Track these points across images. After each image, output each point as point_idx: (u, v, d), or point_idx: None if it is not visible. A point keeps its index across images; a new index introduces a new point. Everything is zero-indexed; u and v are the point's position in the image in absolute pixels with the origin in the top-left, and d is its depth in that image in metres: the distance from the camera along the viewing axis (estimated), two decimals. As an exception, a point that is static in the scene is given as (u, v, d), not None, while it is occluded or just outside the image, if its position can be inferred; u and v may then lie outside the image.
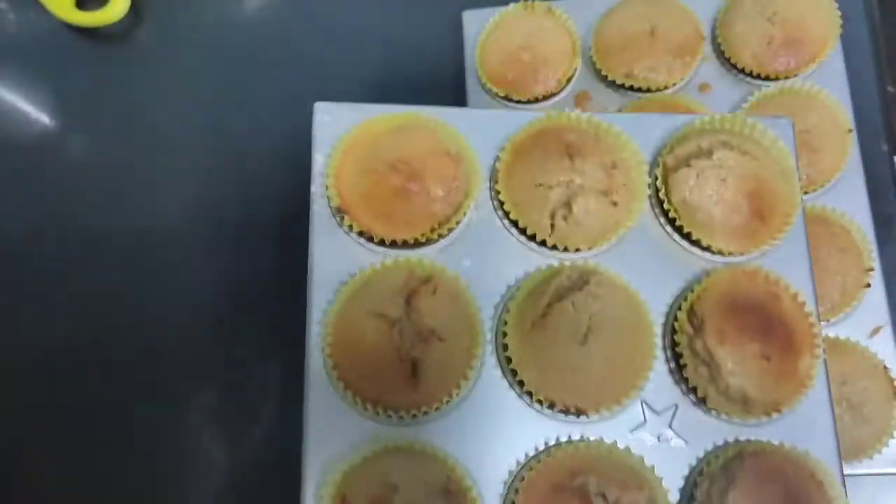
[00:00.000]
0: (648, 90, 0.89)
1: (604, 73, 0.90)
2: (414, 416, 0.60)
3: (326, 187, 0.66)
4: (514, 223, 0.67)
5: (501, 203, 0.67)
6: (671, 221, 0.68)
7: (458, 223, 0.66)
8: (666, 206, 0.68)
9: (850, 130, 0.86)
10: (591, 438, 0.63)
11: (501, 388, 0.63)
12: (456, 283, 0.63)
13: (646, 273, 0.66)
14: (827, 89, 0.87)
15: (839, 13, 0.88)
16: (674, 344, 0.64)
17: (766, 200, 0.67)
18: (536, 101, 0.91)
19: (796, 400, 0.62)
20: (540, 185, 0.65)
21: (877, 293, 0.82)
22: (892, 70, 0.94)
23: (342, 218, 0.65)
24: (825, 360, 0.65)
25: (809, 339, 0.63)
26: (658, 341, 0.64)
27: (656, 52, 0.88)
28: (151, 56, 0.93)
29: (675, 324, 0.64)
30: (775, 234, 0.67)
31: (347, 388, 0.61)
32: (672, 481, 0.61)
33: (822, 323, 0.80)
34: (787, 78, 0.89)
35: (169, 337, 0.88)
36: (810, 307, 0.65)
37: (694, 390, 0.62)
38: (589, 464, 0.59)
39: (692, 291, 0.65)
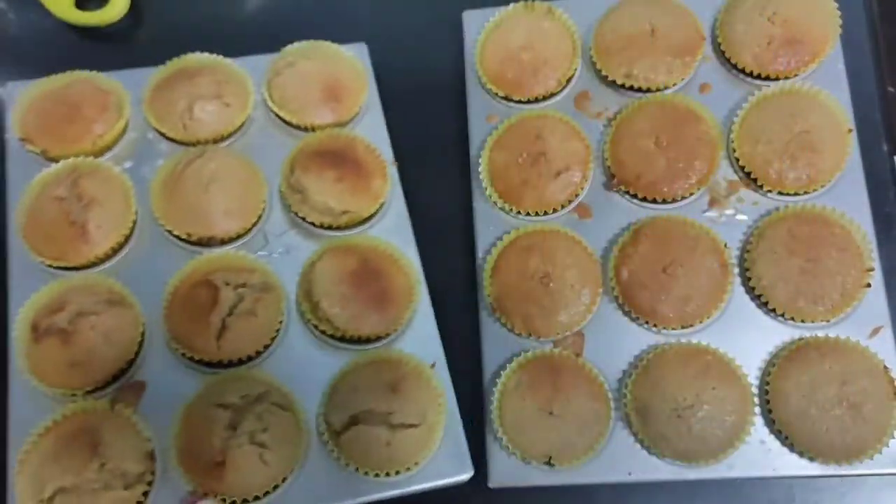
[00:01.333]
0: (648, 90, 0.89)
1: (604, 73, 0.90)
2: (90, 263, 0.85)
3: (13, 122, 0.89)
4: (162, 134, 0.91)
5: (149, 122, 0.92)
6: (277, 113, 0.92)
7: (114, 139, 0.90)
8: (269, 102, 0.92)
9: (850, 130, 0.86)
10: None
11: (156, 237, 0.87)
12: (110, 169, 0.88)
13: (258, 153, 0.90)
14: (827, 89, 0.87)
15: (839, 13, 0.88)
16: (280, 188, 0.89)
17: (336, 92, 0.91)
18: (536, 100, 0.91)
19: (371, 208, 0.87)
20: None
21: (877, 293, 0.82)
22: (892, 70, 0.94)
23: (25, 144, 0.88)
24: (399, 183, 0.90)
25: (380, 170, 0.88)
26: (267, 189, 0.89)
27: (656, 52, 0.88)
28: (151, 56, 0.93)
29: (281, 174, 0.88)
30: (351, 110, 0.92)
31: (40, 255, 0.84)
32: (289, 277, 0.86)
33: (821, 322, 0.80)
34: (787, 78, 0.89)
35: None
36: (382, 153, 0.90)
37: (297, 213, 0.87)
38: (216, 266, 0.83)
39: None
